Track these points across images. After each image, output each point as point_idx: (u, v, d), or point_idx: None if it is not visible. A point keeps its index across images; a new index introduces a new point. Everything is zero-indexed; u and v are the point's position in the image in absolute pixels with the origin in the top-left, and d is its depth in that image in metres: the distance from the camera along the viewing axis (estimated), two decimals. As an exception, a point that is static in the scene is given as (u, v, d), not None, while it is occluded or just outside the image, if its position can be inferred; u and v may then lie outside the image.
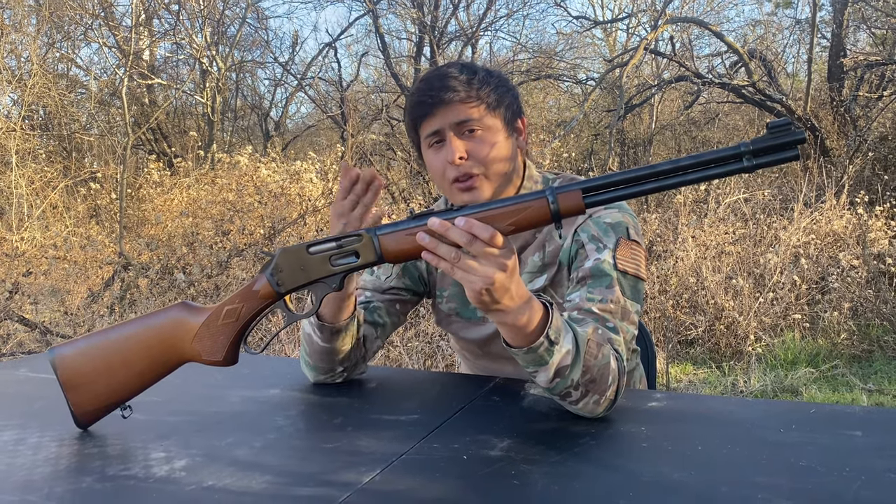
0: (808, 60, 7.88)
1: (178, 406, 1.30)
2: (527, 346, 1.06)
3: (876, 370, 3.99)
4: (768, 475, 0.94)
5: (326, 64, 12.02)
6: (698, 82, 7.68)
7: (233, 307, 1.10)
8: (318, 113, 12.92)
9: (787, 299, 4.58)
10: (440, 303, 1.54)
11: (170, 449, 1.10)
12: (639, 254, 1.35)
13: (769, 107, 8.05)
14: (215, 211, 4.76)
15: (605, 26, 11.89)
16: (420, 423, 1.18)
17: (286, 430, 1.19)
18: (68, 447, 1.13)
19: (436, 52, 10.95)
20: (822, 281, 4.80)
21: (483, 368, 1.59)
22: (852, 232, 5.00)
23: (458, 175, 1.31)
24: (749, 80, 7.69)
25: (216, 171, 5.80)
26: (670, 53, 8.07)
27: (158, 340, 1.13)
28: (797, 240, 5.04)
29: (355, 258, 1.06)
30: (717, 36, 7.92)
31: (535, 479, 0.96)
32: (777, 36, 10.94)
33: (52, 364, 1.15)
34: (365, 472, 0.99)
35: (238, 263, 4.03)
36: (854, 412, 1.19)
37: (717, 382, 3.90)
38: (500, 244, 0.97)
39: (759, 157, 0.87)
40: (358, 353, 1.41)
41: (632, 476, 0.96)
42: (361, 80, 13.04)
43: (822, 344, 4.24)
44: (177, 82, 10.11)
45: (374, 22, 11.57)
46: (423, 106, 1.31)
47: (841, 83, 7.79)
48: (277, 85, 12.00)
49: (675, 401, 1.29)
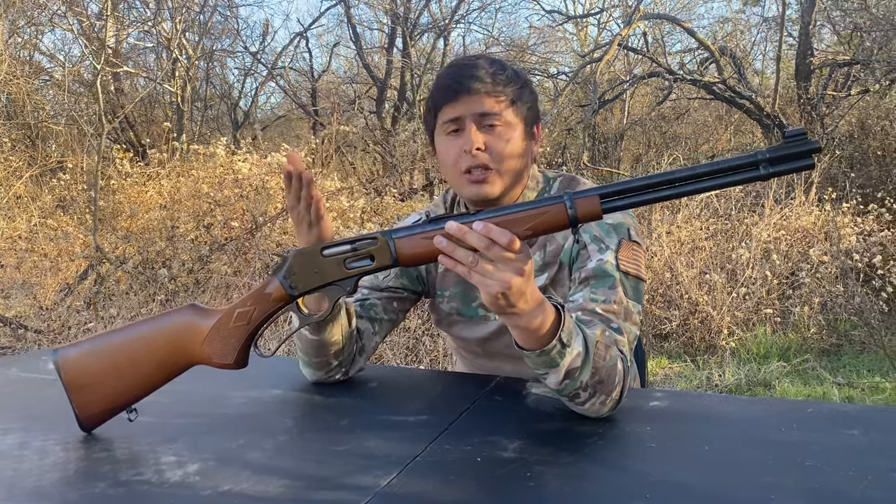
0: (776, 58, 8.01)
1: (183, 408, 1.28)
2: (539, 348, 1.07)
3: (845, 364, 4.10)
4: (776, 476, 0.96)
5: (298, 54, 11.92)
6: (670, 78, 7.77)
7: (244, 310, 1.09)
8: (288, 103, 12.82)
9: (759, 294, 4.67)
10: (440, 302, 1.54)
11: (180, 452, 1.09)
12: (639, 254, 1.37)
13: (738, 103, 8.18)
14: (193, 203, 4.69)
15: (577, 21, 11.97)
16: (428, 425, 1.19)
17: (295, 431, 1.19)
18: (75, 451, 1.11)
19: (408, 44, 10.91)
20: (792, 276, 4.90)
21: (481, 367, 1.60)
22: (821, 228, 5.12)
23: (471, 165, 1.32)
24: (720, 77, 7.80)
25: (192, 163, 5.71)
26: (643, 49, 8.15)
27: (167, 342, 1.12)
28: (768, 235, 5.14)
29: (370, 261, 1.06)
30: (689, 32, 8.02)
31: (548, 480, 0.98)
32: (745, 33, 11.12)
33: (56, 365, 1.13)
34: (381, 476, 0.99)
35: (219, 257, 3.99)
36: (850, 411, 1.23)
37: (691, 376, 3.97)
38: (518, 249, 0.98)
39: (776, 166, 0.89)
40: (353, 346, 1.40)
41: (644, 477, 0.98)
42: (332, 71, 12.97)
43: (793, 338, 4.35)
44: (146, 70, 9.92)
45: (346, 12, 11.49)
46: (448, 91, 1.32)
47: (808, 81, 7.94)
48: (247, 74, 11.86)
49: (675, 399, 1.32)
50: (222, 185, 4.64)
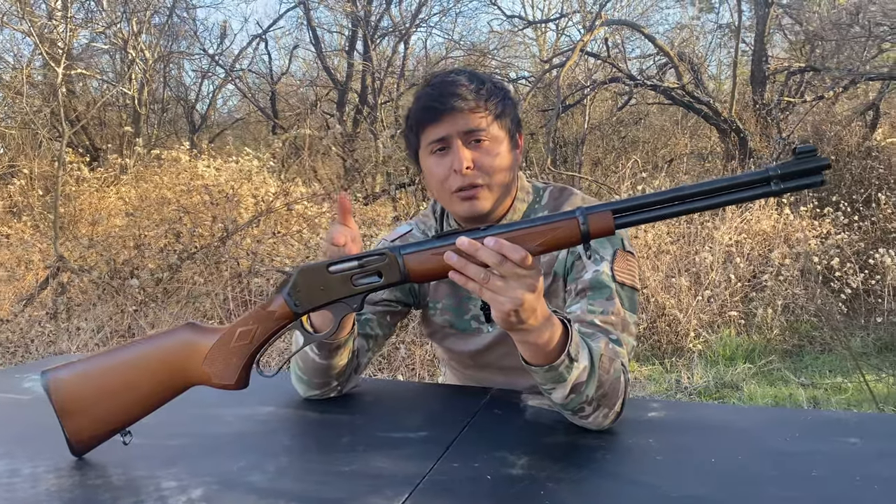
0: (733, 64, 8.20)
1: (174, 428, 1.24)
2: (548, 363, 1.07)
3: (807, 364, 4.20)
4: (786, 488, 0.97)
5: (257, 56, 11.77)
6: (631, 84, 7.88)
7: (247, 328, 1.06)
8: (245, 106, 12.64)
9: (723, 297, 4.76)
10: (433, 315, 1.53)
11: (180, 477, 1.05)
12: (633, 264, 1.37)
13: (697, 108, 8.35)
14: (159, 210, 4.56)
15: (537, 26, 12.06)
16: (431, 441, 1.17)
17: (295, 451, 1.16)
18: (68, 478, 1.06)
19: (369, 47, 10.86)
20: (754, 279, 5.01)
21: (472, 379, 1.59)
22: (780, 231, 5.24)
23: (462, 184, 1.30)
24: (679, 83, 7.94)
25: (155, 168, 5.56)
26: (604, 55, 8.25)
27: (164, 363, 1.08)
28: (729, 239, 5.24)
29: (378, 278, 1.04)
30: (648, 39, 8.15)
31: (564, 497, 0.97)
32: (700, 40, 11.36)
33: (46, 388, 1.09)
34: (392, 497, 0.97)
35: (189, 266, 3.89)
36: (846, 419, 1.25)
37: (661, 379, 4.02)
38: (531, 265, 0.97)
39: (787, 182, 0.90)
40: (352, 366, 1.38)
41: (659, 492, 0.97)
42: (291, 74, 12.83)
43: (757, 340, 4.44)
44: (100, 72, 9.67)
45: (305, 14, 11.39)
46: (431, 111, 1.30)
47: (763, 87, 8.14)
48: (204, 77, 11.67)
49: (673, 410, 1.32)
50: (191, 191, 4.54)
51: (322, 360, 1.30)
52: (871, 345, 4.30)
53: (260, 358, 1.10)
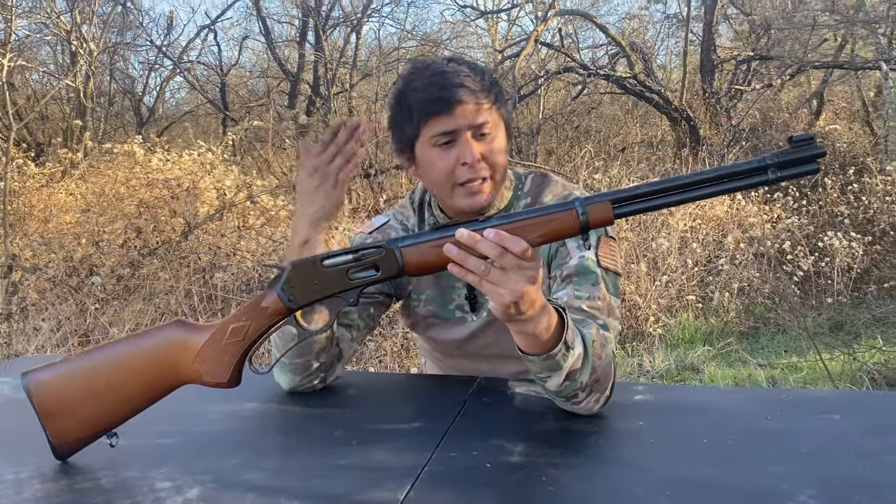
0: (682, 53, 8.35)
1: (159, 427, 1.21)
2: (545, 353, 1.07)
3: (762, 345, 4.33)
4: (781, 465, 1.00)
5: (206, 48, 11.52)
6: (584, 74, 7.96)
7: (239, 325, 1.04)
8: (194, 99, 12.35)
9: (680, 282, 4.86)
10: (416, 306, 1.52)
11: (172, 477, 1.03)
12: (615, 249, 1.39)
13: (648, 97, 8.48)
14: (118, 206, 4.41)
15: (489, 16, 12.07)
16: (424, 432, 1.17)
17: (289, 447, 1.15)
18: (55, 483, 1.03)
19: (321, 37, 10.72)
20: (709, 263, 5.13)
21: (454, 368, 1.59)
22: (734, 217, 5.38)
23: (470, 177, 1.29)
24: (630, 72, 8.05)
25: (109, 163, 5.39)
26: (558, 45, 8.31)
27: (152, 362, 1.06)
28: (685, 225, 5.35)
29: (375, 271, 1.03)
30: (601, 29, 8.24)
31: (566, 483, 0.98)
32: (650, 29, 11.53)
33: (27, 390, 1.05)
34: (395, 490, 0.97)
35: (151, 262, 3.78)
36: (823, 396, 1.29)
37: (623, 363, 4.09)
38: (531, 257, 0.98)
39: (783, 170, 0.92)
40: (332, 352, 1.36)
41: (660, 475, 0.99)
42: (241, 65, 12.60)
43: (715, 323, 4.55)
44: (41, 64, 9.35)
45: (255, 4, 11.18)
46: (438, 103, 1.26)
47: (712, 76, 8.31)
48: (151, 69, 11.37)
49: (657, 393, 1.34)
50: (150, 185, 4.41)
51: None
52: (823, 324, 4.46)
53: (252, 355, 1.08)
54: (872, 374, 3.44)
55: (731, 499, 0.92)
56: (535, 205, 1.43)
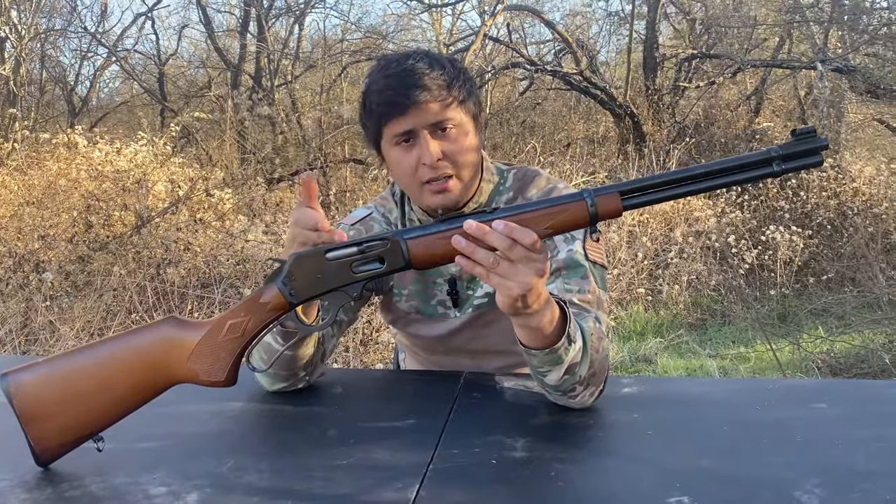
0: (627, 50, 8.49)
1: (145, 430, 1.15)
2: (548, 346, 1.06)
3: (710, 337, 4.45)
4: (779, 454, 1.02)
5: (143, 36, 11.15)
6: (531, 69, 8.02)
7: (237, 321, 1.00)
8: (130, 89, 11.95)
9: (630, 275, 4.95)
10: (398, 301, 1.50)
11: (167, 482, 0.99)
12: (601, 243, 1.40)
13: (593, 94, 8.60)
14: (62, 199, 4.20)
15: (433, 10, 12.04)
16: (420, 429, 1.15)
17: (285, 448, 1.11)
18: (40, 490, 0.97)
19: (263, 28, 10.50)
20: (657, 257, 5.24)
21: (436, 363, 1.57)
22: (680, 211, 5.50)
23: (432, 176, 1.27)
24: (577, 69, 8.15)
25: (50, 154, 5.13)
26: (506, 40, 8.35)
27: (144, 361, 1.00)
28: (633, 219, 5.45)
29: (380, 264, 1.00)
30: (547, 25, 8.31)
31: (575, 478, 0.98)
32: (593, 27, 11.70)
33: (7, 393, 0.99)
34: (402, 489, 0.95)
35: (102, 257, 3.62)
36: (808, 386, 1.33)
37: (578, 356, 4.14)
38: (540, 248, 0.97)
39: (788, 162, 0.94)
40: (318, 355, 1.34)
41: (664, 468, 0.99)
42: (179, 55, 12.25)
43: (665, 315, 4.65)
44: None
45: (194, -8, 10.88)
46: (394, 105, 1.24)
47: (655, 73, 8.48)
48: (84, 57, 10.94)
49: (645, 385, 1.35)
50: (99, 177, 4.21)
51: (288, 350, 1.24)
52: (768, 315, 4.60)
53: (250, 353, 1.04)
54: (817, 363, 3.57)
55: (740, 489, 0.93)
56: (518, 200, 1.43)
